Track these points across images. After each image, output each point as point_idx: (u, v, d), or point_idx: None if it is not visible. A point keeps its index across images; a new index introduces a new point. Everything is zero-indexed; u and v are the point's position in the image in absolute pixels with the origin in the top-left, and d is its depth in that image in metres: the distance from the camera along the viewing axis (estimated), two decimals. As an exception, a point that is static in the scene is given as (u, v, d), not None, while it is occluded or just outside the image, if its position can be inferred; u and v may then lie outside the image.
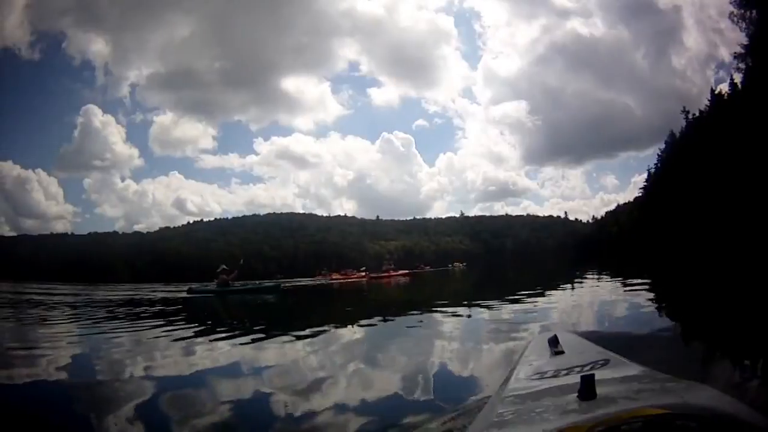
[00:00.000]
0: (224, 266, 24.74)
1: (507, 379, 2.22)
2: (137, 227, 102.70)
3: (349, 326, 9.67)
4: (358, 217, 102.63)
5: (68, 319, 12.12)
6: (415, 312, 11.59)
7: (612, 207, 76.87)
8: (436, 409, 3.85)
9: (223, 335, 8.51)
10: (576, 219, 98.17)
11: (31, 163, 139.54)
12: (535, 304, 10.71)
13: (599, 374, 1.70)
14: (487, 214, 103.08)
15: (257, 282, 28.80)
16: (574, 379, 1.72)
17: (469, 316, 9.78)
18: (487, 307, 10.76)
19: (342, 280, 41.24)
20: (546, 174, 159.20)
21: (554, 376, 2.02)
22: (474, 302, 11.90)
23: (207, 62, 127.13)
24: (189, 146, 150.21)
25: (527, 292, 12.94)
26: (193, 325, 10.36)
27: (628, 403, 1.50)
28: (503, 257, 66.33)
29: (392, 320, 10.48)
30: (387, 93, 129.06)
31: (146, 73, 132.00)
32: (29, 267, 69.89)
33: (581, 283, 17.13)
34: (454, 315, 9.84)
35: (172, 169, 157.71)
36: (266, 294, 22.40)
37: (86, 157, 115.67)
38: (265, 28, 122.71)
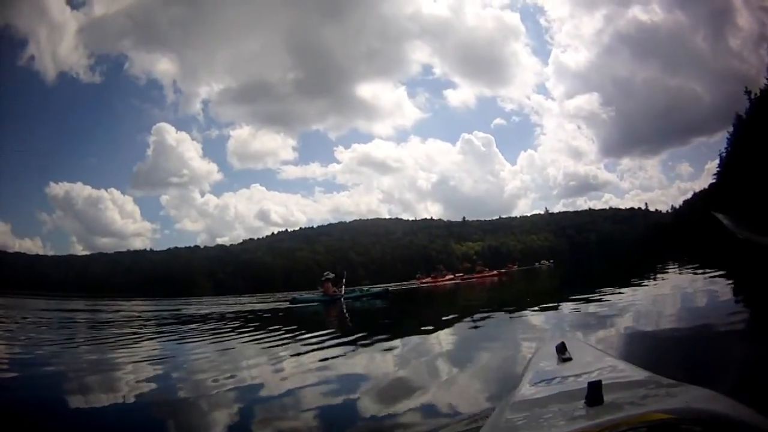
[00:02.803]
0: (329, 273, 24.49)
1: (515, 386, 2.26)
2: (220, 240, 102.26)
3: (454, 326, 9.99)
4: (444, 219, 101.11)
5: (179, 333, 12.15)
6: (507, 309, 11.79)
7: (689, 195, 74.08)
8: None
9: (363, 342, 8.46)
10: (656, 210, 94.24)
11: (103, 183, 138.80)
12: (619, 299, 10.80)
13: (606, 380, 1.73)
14: (571, 209, 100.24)
15: (365, 288, 28.08)
16: (582, 385, 1.76)
17: (556, 310, 10.10)
18: (575, 302, 10.95)
19: (435, 283, 41.22)
20: (624, 166, 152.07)
21: (562, 383, 2.06)
22: (563, 299, 12.11)
23: (279, 74, 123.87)
24: (269, 158, 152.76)
25: (611, 288, 13.01)
26: (318, 335, 10.01)
27: (634, 408, 1.53)
28: (588, 252, 65.06)
29: (491, 317, 10.74)
30: (462, 93, 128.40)
31: (217, 89, 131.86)
32: (105, 284, 70.47)
33: (662, 275, 17.00)
34: (548, 311, 10.33)
35: (253, 182, 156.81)
36: (375, 299, 22.26)
37: (162, 174, 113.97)
38: (335, 36, 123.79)
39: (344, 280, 24.38)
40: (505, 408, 1.96)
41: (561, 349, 2.48)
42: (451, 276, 45.55)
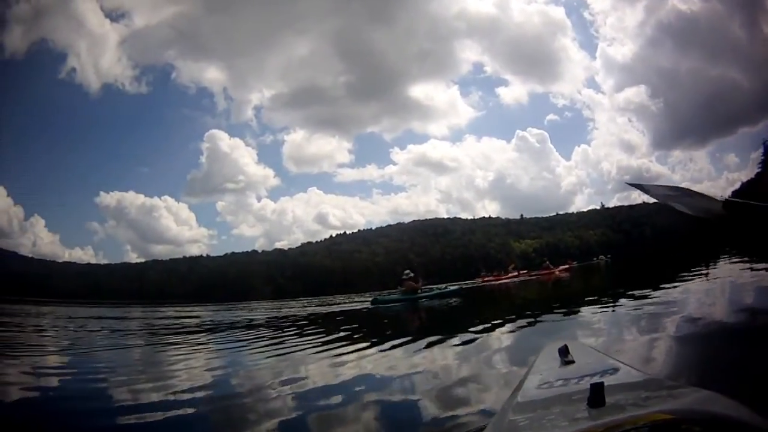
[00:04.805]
0: (409, 272, 23.93)
1: (517, 388, 2.28)
2: (278, 244, 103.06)
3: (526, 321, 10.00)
4: (502, 217, 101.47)
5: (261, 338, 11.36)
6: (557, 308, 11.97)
7: (737, 186, 74.07)
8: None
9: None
10: None
11: (157, 192, 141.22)
12: (674, 292, 10.79)
13: (608, 382, 1.74)
14: (625, 204, 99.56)
15: (443, 286, 28.43)
16: (584, 387, 1.78)
17: (614, 310, 9.76)
18: (634, 297, 10.84)
19: (498, 281, 41.41)
20: (675, 158, 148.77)
21: (564, 385, 2.07)
22: (625, 294, 12.09)
23: (331, 78, 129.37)
24: (325, 161, 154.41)
25: (666, 282, 12.89)
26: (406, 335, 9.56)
27: (636, 409, 1.55)
28: (643, 246, 64.52)
29: (560, 313, 10.91)
30: (515, 90, 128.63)
31: (269, 95, 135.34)
32: (160, 290, 71.58)
33: (714, 267, 17.04)
34: (606, 309, 9.94)
35: (310, 185, 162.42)
36: (451, 298, 22.05)
37: (217, 180, 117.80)
38: (384, 38, 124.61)
39: (424, 279, 24.50)
40: (508, 410, 1.99)
41: (563, 351, 2.52)
42: (515, 273, 45.87)
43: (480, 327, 9.40)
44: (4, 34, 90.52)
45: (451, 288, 26.10)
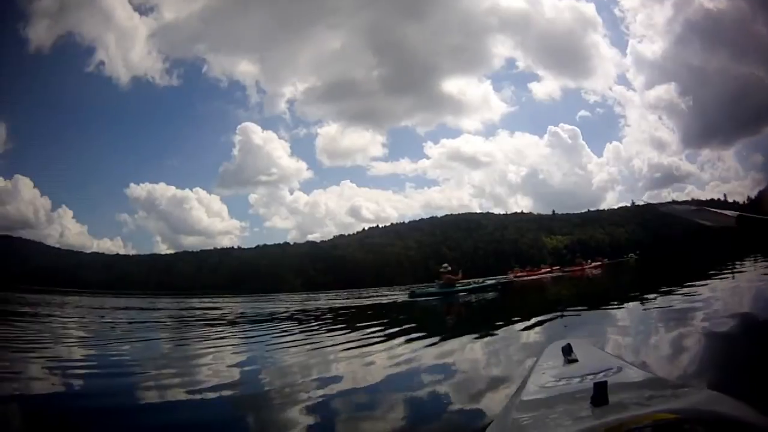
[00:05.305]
0: (447, 266, 23.84)
1: (521, 386, 2.30)
2: (311, 237, 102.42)
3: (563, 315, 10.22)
4: (535, 213, 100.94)
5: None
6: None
7: (763, 186, 71.30)
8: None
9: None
10: (734, 201, 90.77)
11: (188, 183, 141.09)
12: (700, 292, 10.78)
13: (612, 381, 1.76)
14: (655, 201, 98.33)
15: (480, 280, 28.41)
16: (587, 386, 1.80)
17: (645, 308, 9.81)
18: (664, 295, 11.02)
19: (530, 276, 41.75)
20: (704, 157, 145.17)
21: (568, 384, 2.09)
22: (653, 293, 12.01)
23: (364, 71, 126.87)
24: (359, 155, 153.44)
25: (688, 282, 12.95)
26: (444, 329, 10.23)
27: (639, 408, 1.55)
28: (672, 245, 65.33)
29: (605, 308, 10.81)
30: (547, 86, 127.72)
31: (302, 88, 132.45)
32: (190, 282, 71.74)
33: (739, 269, 17.23)
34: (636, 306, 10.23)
35: (343, 179, 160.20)
36: (488, 292, 22.18)
37: (250, 173, 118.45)
38: (417, 33, 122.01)
39: (462, 272, 24.25)
40: (511, 408, 1.97)
41: (567, 350, 2.52)
42: (548, 269, 46.49)
43: (517, 322, 9.66)
44: (29, 27, 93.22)
45: (489, 282, 26.05)
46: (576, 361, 2.44)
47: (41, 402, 4.86)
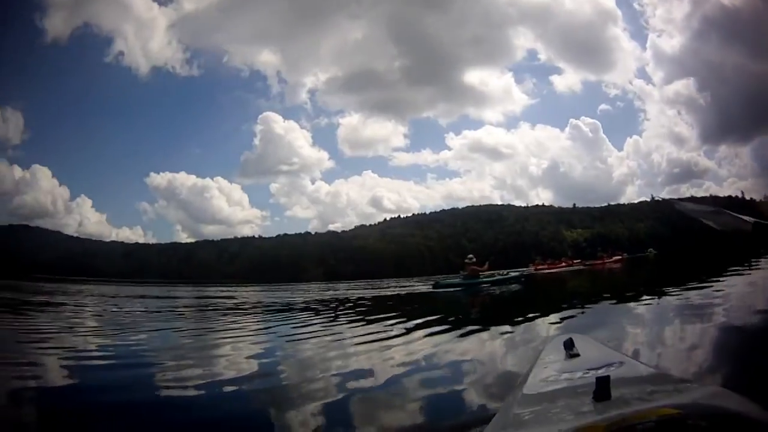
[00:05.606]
0: (472, 257, 23.04)
1: (523, 381, 2.29)
2: (332, 227, 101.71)
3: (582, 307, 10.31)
4: (555, 205, 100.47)
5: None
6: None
7: None
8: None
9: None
10: (750, 198, 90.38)
11: (209, 173, 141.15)
12: (712, 288, 10.76)
13: (614, 376, 1.75)
14: (675, 197, 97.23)
15: (504, 272, 27.75)
16: (589, 380, 1.78)
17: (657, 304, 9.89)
18: (678, 291, 11.00)
19: (551, 269, 41.58)
20: (722, 153, 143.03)
21: (569, 378, 2.08)
22: (669, 287, 12.02)
23: (386, 62, 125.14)
24: (380, 145, 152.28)
25: (711, 277, 12.99)
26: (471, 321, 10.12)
27: (642, 403, 1.55)
28: (690, 241, 65.97)
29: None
30: (568, 79, 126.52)
31: (323, 78, 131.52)
32: (210, 270, 71.74)
33: (755, 267, 16.90)
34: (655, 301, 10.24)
35: (365, 169, 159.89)
36: (512, 284, 21.90)
37: (271, 162, 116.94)
38: (438, 23, 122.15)
39: (488, 264, 23.67)
40: (513, 402, 1.96)
41: (569, 345, 2.50)
42: (569, 261, 46.25)
43: (541, 316, 9.65)
44: (46, 19, 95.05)
45: (513, 274, 25.57)
46: (578, 355, 2.46)
47: (56, 394, 4.83)
